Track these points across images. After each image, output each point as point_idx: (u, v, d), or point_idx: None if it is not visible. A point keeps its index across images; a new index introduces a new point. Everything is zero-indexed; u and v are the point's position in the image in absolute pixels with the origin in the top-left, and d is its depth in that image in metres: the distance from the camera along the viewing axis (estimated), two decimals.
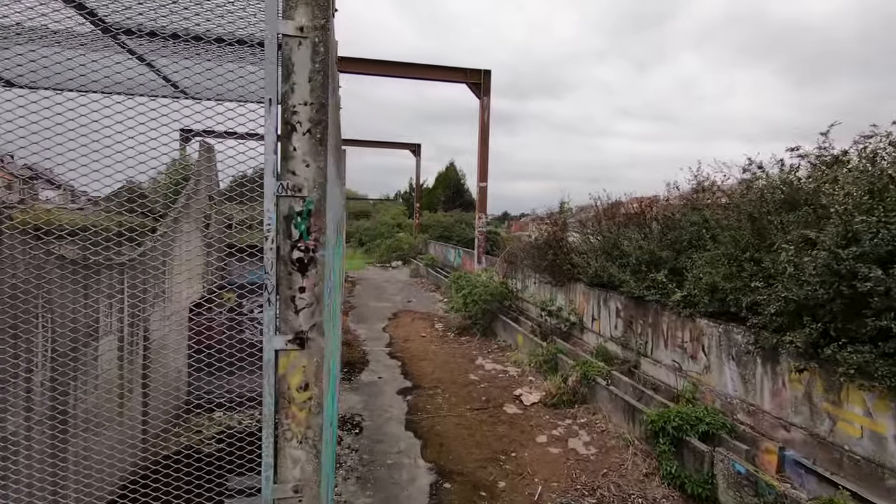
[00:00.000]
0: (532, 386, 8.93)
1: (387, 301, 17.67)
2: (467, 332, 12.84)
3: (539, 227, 12.73)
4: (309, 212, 2.55)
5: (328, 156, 2.87)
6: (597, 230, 10.85)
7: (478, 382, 9.22)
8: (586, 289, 10.20)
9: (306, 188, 2.52)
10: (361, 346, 11.55)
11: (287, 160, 2.49)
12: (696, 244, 7.84)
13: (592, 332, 10.01)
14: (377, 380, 9.24)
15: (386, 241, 33.44)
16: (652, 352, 8.07)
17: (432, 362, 10.43)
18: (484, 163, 18.39)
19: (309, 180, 2.53)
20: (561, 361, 9.06)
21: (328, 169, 2.88)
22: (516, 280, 14.30)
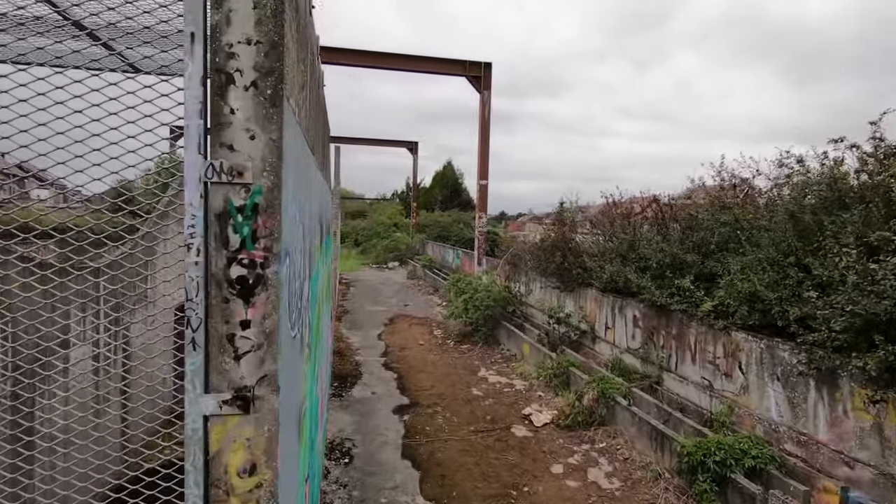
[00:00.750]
0: (542, 403, 8.11)
1: (382, 305, 16.82)
2: (468, 340, 12.01)
3: (546, 227, 11.90)
4: (255, 207, 1.70)
5: (290, 126, 2.04)
6: (609, 231, 10.04)
7: (482, 398, 8.39)
8: (599, 295, 9.38)
9: (251, 171, 1.68)
10: (354, 356, 10.70)
11: (220, 129, 1.66)
12: (727, 247, 7.03)
13: (606, 343, 9.20)
14: (371, 395, 8.39)
15: (382, 241, 32.60)
16: (677, 367, 7.26)
17: (431, 374, 9.59)
18: (484, 160, 17.56)
19: (255, 160, 1.69)
20: (573, 375, 8.24)
21: (289, 144, 2.05)
22: (519, 283, 13.48)
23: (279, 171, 1.74)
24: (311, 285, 3.30)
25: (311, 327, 3.37)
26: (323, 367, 5.19)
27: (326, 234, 6.29)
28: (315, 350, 3.91)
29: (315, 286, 3.57)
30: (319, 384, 4.70)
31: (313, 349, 3.56)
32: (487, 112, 17.51)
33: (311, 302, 3.37)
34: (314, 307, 3.40)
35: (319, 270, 4.32)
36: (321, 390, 4.87)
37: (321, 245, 4.77)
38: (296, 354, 2.32)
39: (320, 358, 4.52)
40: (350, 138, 33.10)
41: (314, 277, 3.49)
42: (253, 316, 1.72)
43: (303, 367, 2.49)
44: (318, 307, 4.42)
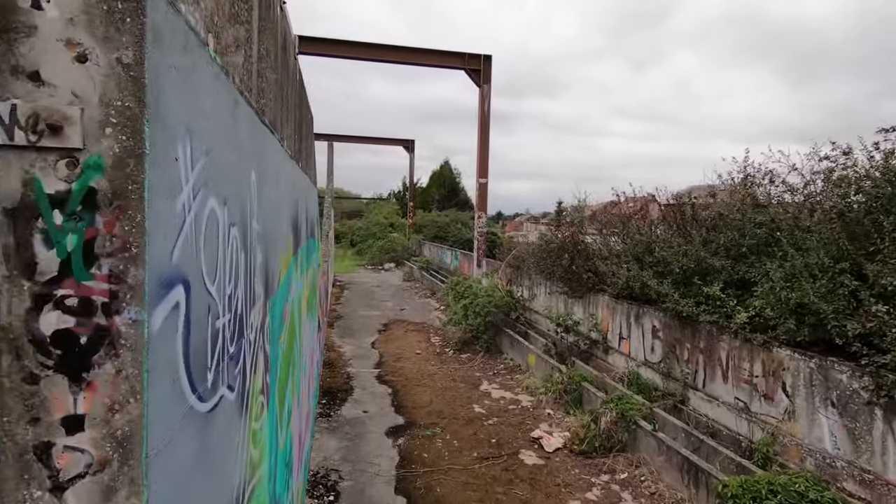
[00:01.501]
0: (552, 423, 7.32)
1: (377, 309, 16.01)
2: (468, 348, 11.22)
3: (551, 228, 11.11)
4: (91, 196, 0.89)
5: (199, 64, 1.25)
6: (622, 232, 9.26)
7: (485, 417, 7.59)
8: (612, 301, 8.60)
9: (79, 126, 0.87)
10: (346, 368, 9.89)
11: (12, 39, 0.85)
12: (761, 250, 6.26)
13: (620, 354, 8.41)
14: (362, 415, 7.58)
15: (378, 241, 31.81)
16: (704, 384, 6.48)
17: (429, 388, 8.79)
18: (484, 157, 16.77)
19: (90, 102, 0.88)
20: (586, 392, 7.45)
21: (196, 89, 1.26)
22: (522, 287, 12.69)
23: (144, 129, 0.92)
24: (273, 310, 2.49)
25: (275, 366, 2.57)
26: (304, 398, 4.39)
27: (309, 238, 5.48)
28: (288, 388, 3.10)
29: (278, 311, 2.76)
30: (299, 419, 3.89)
31: (282, 391, 2.75)
32: (487, 107, 16.72)
33: (273, 332, 2.55)
34: (275, 339, 2.59)
35: (291, 287, 3.51)
36: (302, 423, 4.07)
37: (296, 253, 3.95)
38: (230, 437, 1.51)
39: (297, 387, 3.72)
40: (345, 136, 32.29)
41: (276, 301, 2.68)
42: (89, 408, 0.92)
43: (296, 380, 1.68)
44: (293, 330, 3.61)
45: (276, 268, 2.68)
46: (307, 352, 5.14)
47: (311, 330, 6.38)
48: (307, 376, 5.20)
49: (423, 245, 29.13)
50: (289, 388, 3.44)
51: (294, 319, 3.80)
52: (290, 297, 3.49)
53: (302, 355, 4.48)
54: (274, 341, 2.58)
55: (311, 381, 5.75)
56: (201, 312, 1.23)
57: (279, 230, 2.83)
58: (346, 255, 34.37)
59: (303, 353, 4.55)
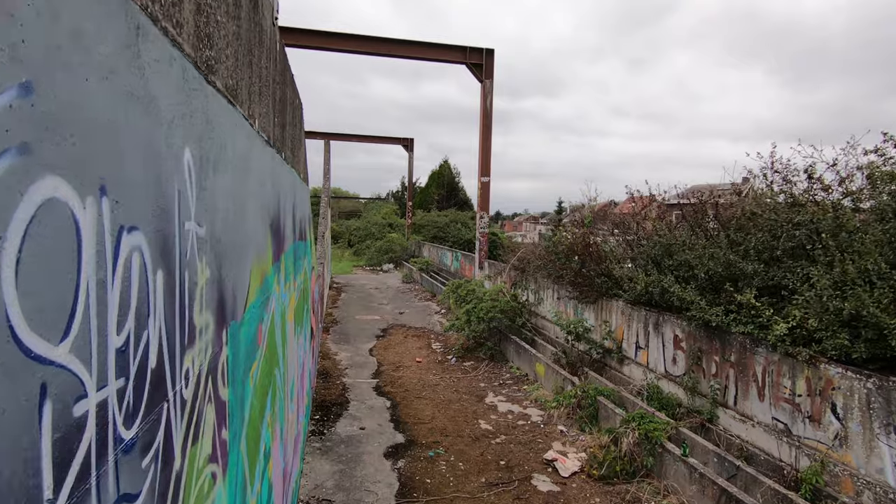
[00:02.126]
0: (566, 441, 6.71)
1: (375, 313, 15.39)
2: (472, 356, 10.61)
3: (560, 227, 10.51)
4: None
5: None
6: (636, 233, 8.67)
7: (492, 434, 6.98)
8: (628, 308, 8.00)
9: None
10: (342, 378, 9.27)
11: None
12: (800, 253, 5.67)
13: (637, 365, 7.81)
14: (358, 432, 6.96)
15: (377, 242, 31.15)
16: (736, 402, 5.88)
17: (432, 401, 8.18)
18: (486, 155, 16.16)
19: None
20: (602, 407, 6.85)
21: None
22: (527, 291, 12.09)
23: None
24: (235, 340, 1.88)
25: (237, 413, 1.95)
26: (291, 424, 3.77)
27: (297, 241, 4.86)
28: (265, 427, 2.49)
29: (246, 337, 2.14)
30: (285, 451, 3.27)
31: (254, 436, 2.12)
32: (489, 103, 16.11)
33: (237, 368, 1.93)
34: (239, 376, 1.97)
35: (269, 302, 2.89)
36: (289, 453, 3.45)
37: (277, 260, 3.33)
38: None
39: (281, 416, 3.09)
40: (343, 135, 31.67)
41: (244, 326, 2.06)
42: None
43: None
44: (272, 352, 3.00)
45: (242, 283, 2.07)
46: (295, 370, 4.52)
47: (303, 341, 5.77)
48: (296, 397, 4.59)
49: (422, 246, 28.52)
50: (266, 426, 2.82)
51: (275, 339, 3.18)
52: (268, 313, 2.87)
53: (287, 377, 3.87)
54: (237, 380, 1.97)
55: (300, 402, 5.14)
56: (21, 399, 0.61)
57: (248, 234, 2.22)
58: (343, 256, 33.74)
59: (288, 375, 3.93)
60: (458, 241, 29.48)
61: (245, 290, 2.14)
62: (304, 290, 5.72)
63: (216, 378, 1.66)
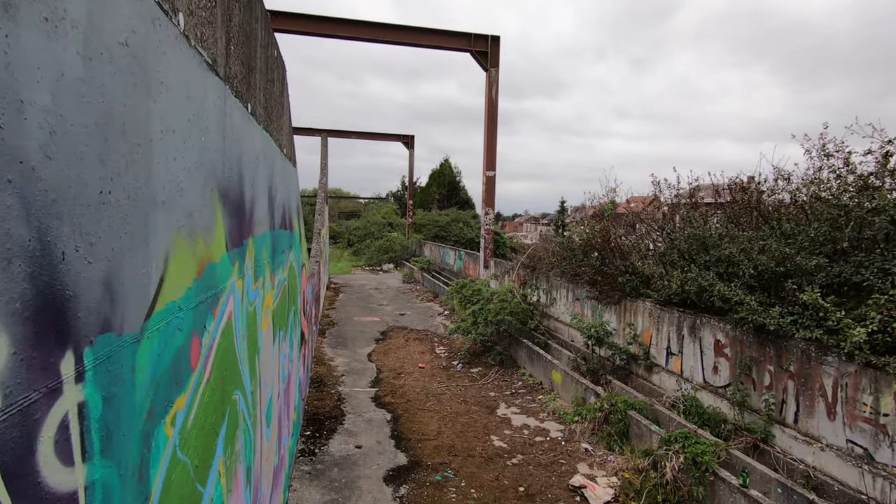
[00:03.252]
0: (593, 462, 5.85)
1: (375, 314, 14.53)
2: (479, 361, 9.75)
3: (576, 221, 9.66)
4: None
5: None
6: (665, 226, 7.81)
7: (508, 454, 6.12)
8: (657, 309, 7.13)
9: None
10: (337, 386, 8.41)
11: None
12: (879, 244, 4.81)
13: (669, 373, 6.95)
14: (354, 451, 6.10)
15: (376, 241, 30.31)
16: (798, 419, 5.02)
17: (437, 413, 7.31)
18: (492, 148, 15.31)
19: None
20: (635, 423, 5.99)
21: None
22: (538, 291, 11.23)
23: None
24: (146, 356, 0.95)
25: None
26: (266, 459, 2.91)
27: (279, 229, 4.02)
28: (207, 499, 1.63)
29: (168, 350, 1.23)
30: (261, 485, 2.42)
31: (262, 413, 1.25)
32: (495, 93, 15.26)
33: (121, 411, 0.99)
34: (144, 414, 1.08)
35: (224, 302, 2.02)
36: (263, 494, 2.60)
37: (240, 245, 2.47)
38: None
39: (245, 459, 2.23)
40: (343, 131, 30.82)
41: (158, 332, 1.16)
42: None
43: None
44: (230, 377, 2.13)
45: (135, 266, 1.21)
46: (275, 386, 3.66)
47: (289, 349, 4.91)
48: (277, 419, 3.73)
49: (423, 245, 27.68)
50: (215, 479, 1.96)
51: (234, 356, 2.32)
52: (217, 318, 2.01)
53: (259, 399, 3.00)
54: (129, 435, 1.10)
55: (284, 423, 4.27)
56: None
57: (155, 190, 1.35)
58: (342, 256, 32.89)
59: (261, 395, 3.07)
60: (461, 240, 28.66)
61: (151, 281, 1.27)
62: (289, 288, 4.86)
63: (41, 452, 0.80)
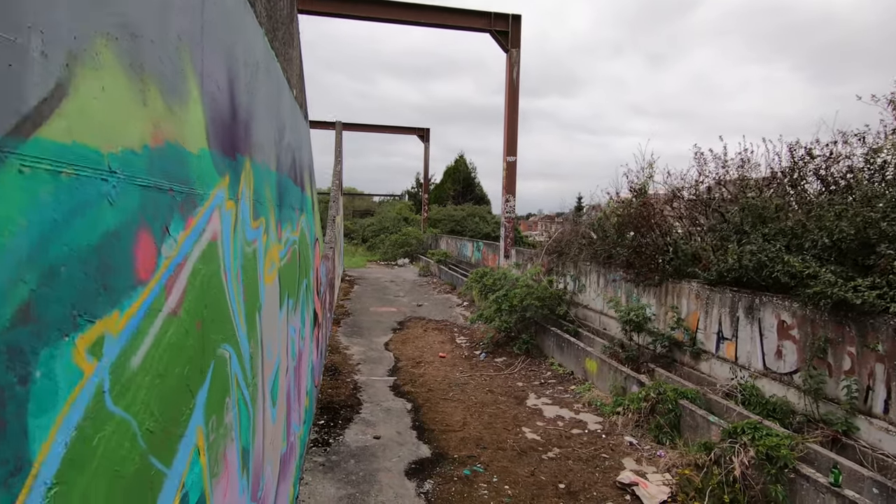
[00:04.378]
0: (640, 457, 5.19)
1: (391, 305, 13.97)
2: (503, 350, 9.13)
3: (612, 201, 8.97)
4: None
5: None
6: (713, 199, 7.11)
7: (542, 447, 5.49)
8: (705, 290, 6.44)
9: None
10: (353, 375, 7.85)
11: None
12: None
13: (720, 360, 6.25)
14: (373, 442, 5.52)
15: (391, 236, 29.80)
16: (889, 409, 4.31)
17: (462, 404, 6.71)
18: (513, 132, 14.67)
19: None
20: (687, 413, 5.32)
21: None
22: (565, 277, 10.57)
23: None
24: None
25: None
26: (269, 443, 2.34)
27: (288, 176, 3.45)
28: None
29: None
30: (265, 473, 1.84)
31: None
32: (516, 74, 14.60)
33: None
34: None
35: (221, 234, 1.38)
36: (268, 482, 2.02)
37: (239, 170, 1.85)
38: None
39: (243, 426, 1.65)
40: (357, 124, 30.36)
41: None
42: None
43: None
44: (230, 320, 1.51)
45: (28, 43, 0.61)
46: (283, 359, 3.08)
47: (300, 325, 4.34)
48: (285, 399, 3.15)
49: (439, 239, 27.10)
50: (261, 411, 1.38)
51: (224, 298, 1.74)
52: (203, 237, 1.43)
53: (262, 367, 2.42)
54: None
55: (296, 405, 3.70)
56: None
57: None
58: (356, 252, 32.49)
59: (263, 365, 2.49)
60: (477, 234, 28.02)
61: (29, 68, 0.68)
62: (300, 255, 4.29)
63: None
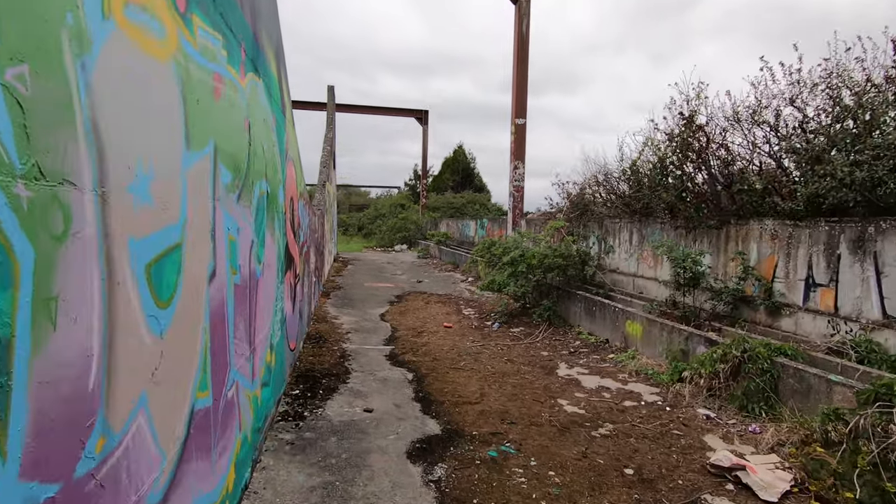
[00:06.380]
0: (729, 433, 3.81)
1: (388, 281, 12.56)
2: (520, 321, 7.74)
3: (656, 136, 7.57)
4: None
5: None
6: (778, 126, 5.74)
7: (589, 422, 4.10)
8: (784, 227, 5.07)
9: None
10: (342, 343, 6.44)
11: None
12: None
13: (811, 314, 4.88)
14: (362, 416, 4.11)
15: (388, 221, 28.41)
16: None
17: (476, 374, 5.31)
18: (522, 91, 13.28)
19: None
20: (791, 374, 3.94)
21: None
22: (588, 239, 9.19)
23: None
24: None
25: None
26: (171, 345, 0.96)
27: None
28: None
29: None
30: None
31: None
32: (525, 27, 13.23)
33: None
34: None
35: None
36: None
37: None
38: None
39: None
40: (350, 105, 28.89)
41: None
42: None
43: None
44: None
45: None
46: (202, 244, 1.69)
47: (254, 233, 2.95)
48: (214, 324, 1.76)
49: (438, 222, 25.72)
50: None
51: None
52: None
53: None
54: None
55: (233, 346, 2.32)
56: None
57: None
58: (352, 240, 31.08)
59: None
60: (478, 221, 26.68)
61: None
62: (251, 123, 2.89)
63: None
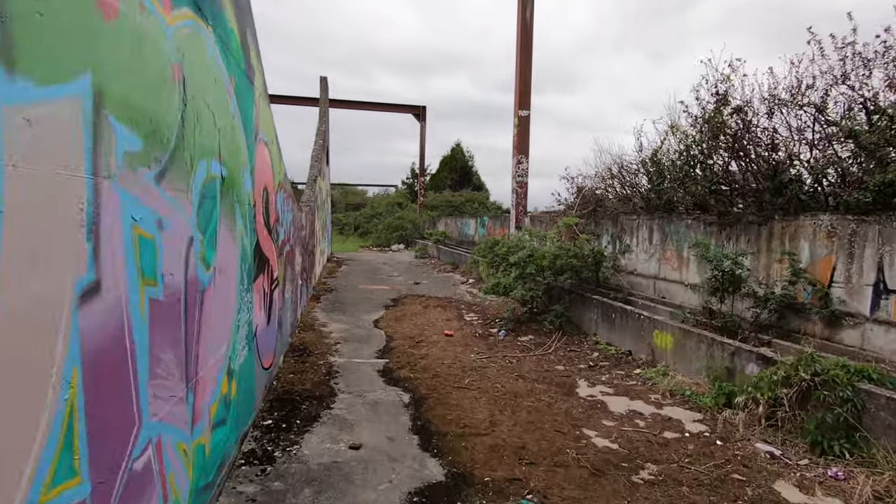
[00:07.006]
0: (805, 479, 3.05)
1: (384, 283, 11.79)
2: (529, 328, 6.98)
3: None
4: None
5: None
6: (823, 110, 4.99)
7: (627, 461, 3.34)
8: (845, 223, 4.31)
9: None
10: (328, 356, 5.66)
11: None
12: None
13: (883, 326, 4.12)
14: (348, 455, 3.34)
15: (384, 220, 27.62)
16: None
17: (484, 394, 4.54)
18: (526, 81, 12.51)
19: None
20: (873, 404, 3.19)
21: None
22: (601, 239, 8.44)
23: None
24: None
25: None
26: None
27: None
28: None
29: None
30: None
31: None
32: (529, 13, 12.46)
33: None
34: None
35: None
36: None
37: None
38: None
39: None
40: (345, 101, 28.06)
41: None
42: None
43: None
44: None
45: None
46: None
47: (206, 221, 2.18)
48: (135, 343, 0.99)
49: (437, 221, 24.93)
50: None
51: None
52: None
53: None
54: None
55: (165, 371, 1.56)
56: None
57: None
58: (348, 238, 30.29)
59: None
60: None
61: None
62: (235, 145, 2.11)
63: None
